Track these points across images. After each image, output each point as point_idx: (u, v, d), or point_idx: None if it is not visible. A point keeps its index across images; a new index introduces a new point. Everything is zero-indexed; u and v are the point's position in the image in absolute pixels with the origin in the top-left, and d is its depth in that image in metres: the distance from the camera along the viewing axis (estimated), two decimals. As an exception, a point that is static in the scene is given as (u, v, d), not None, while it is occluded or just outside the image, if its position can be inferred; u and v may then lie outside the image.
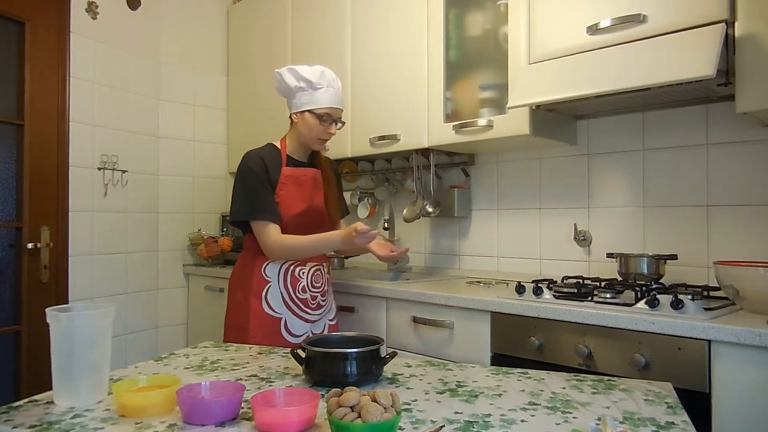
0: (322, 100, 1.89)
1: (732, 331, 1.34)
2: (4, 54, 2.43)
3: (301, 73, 1.89)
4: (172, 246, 3.19)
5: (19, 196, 2.45)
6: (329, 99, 1.90)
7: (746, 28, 1.56)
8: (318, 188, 2.00)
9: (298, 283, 1.94)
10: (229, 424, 0.93)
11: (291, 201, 1.92)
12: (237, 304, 1.96)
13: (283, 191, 1.91)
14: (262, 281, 1.93)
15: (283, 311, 1.92)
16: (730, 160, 1.90)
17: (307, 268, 1.97)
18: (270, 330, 1.90)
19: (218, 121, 3.42)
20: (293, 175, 1.94)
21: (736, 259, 1.82)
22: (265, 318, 1.90)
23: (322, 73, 1.90)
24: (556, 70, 1.87)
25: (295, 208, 1.92)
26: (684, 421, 0.95)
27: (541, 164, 2.39)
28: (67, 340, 1.02)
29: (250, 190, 1.88)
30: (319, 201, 1.99)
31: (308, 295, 1.96)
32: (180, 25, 3.22)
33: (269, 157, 1.93)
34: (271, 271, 1.94)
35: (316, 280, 1.99)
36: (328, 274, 2.07)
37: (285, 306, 1.93)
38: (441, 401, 1.05)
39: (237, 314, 1.95)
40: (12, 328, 2.42)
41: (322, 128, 1.91)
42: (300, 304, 1.95)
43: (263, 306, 1.91)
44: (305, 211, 1.94)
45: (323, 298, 2.02)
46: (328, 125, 1.92)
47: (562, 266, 2.29)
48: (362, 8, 2.61)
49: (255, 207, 1.87)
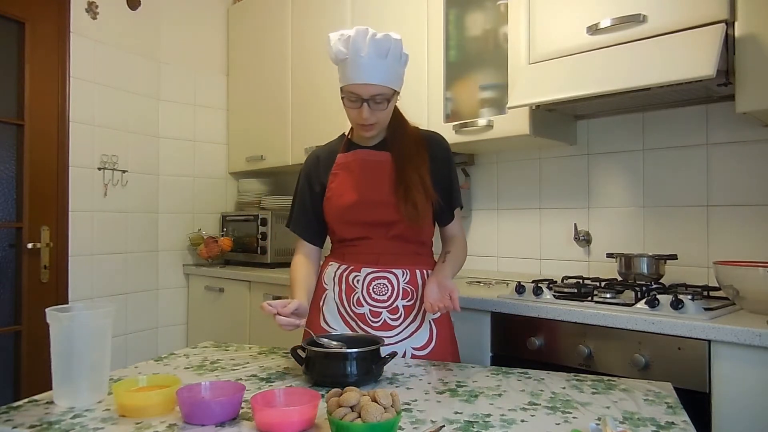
0: (345, 75, 1.43)
1: (732, 331, 1.34)
2: (4, 54, 2.43)
3: (330, 42, 1.44)
4: (172, 246, 3.19)
5: (19, 196, 2.45)
6: (352, 73, 1.41)
7: (746, 28, 1.56)
8: (386, 173, 1.51)
9: (353, 294, 1.51)
10: (229, 424, 0.93)
11: (342, 192, 1.52)
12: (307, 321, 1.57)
13: (335, 183, 1.54)
14: (320, 289, 1.57)
15: (339, 327, 1.50)
16: (730, 160, 1.90)
17: (362, 275, 1.51)
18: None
19: (218, 121, 3.42)
20: (344, 162, 1.55)
21: (736, 259, 1.82)
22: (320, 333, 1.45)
23: (348, 38, 1.41)
24: (556, 70, 1.87)
25: (344, 200, 1.51)
26: (684, 421, 0.95)
27: (541, 164, 2.39)
28: (67, 340, 1.02)
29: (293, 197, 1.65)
30: (383, 191, 1.49)
31: (366, 310, 1.49)
32: (180, 25, 3.22)
33: (330, 149, 1.61)
34: (328, 276, 1.56)
35: (378, 292, 1.50)
36: (410, 285, 1.51)
37: (342, 321, 1.51)
38: (441, 401, 1.05)
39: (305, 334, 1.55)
40: (12, 328, 2.42)
41: (353, 111, 1.47)
42: (357, 321, 1.50)
43: (320, 319, 1.53)
44: (356, 204, 1.49)
45: (394, 318, 1.49)
46: (358, 107, 1.44)
47: (562, 266, 2.29)
48: (362, 8, 2.61)
49: (290, 215, 1.65)
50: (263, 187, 3.35)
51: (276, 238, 3.02)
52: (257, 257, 3.04)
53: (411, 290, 1.51)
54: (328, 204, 1.55)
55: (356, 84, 1.41)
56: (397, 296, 1.50)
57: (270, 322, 2.89)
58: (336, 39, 1.43)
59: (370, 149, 1.56)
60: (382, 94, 1.43)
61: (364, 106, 1.43)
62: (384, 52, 1.41)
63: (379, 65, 1.41)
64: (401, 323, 1.49)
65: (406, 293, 1.50)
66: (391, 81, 1.44)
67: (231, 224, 3.24)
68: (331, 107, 2.75)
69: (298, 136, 2.95)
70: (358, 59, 1.40)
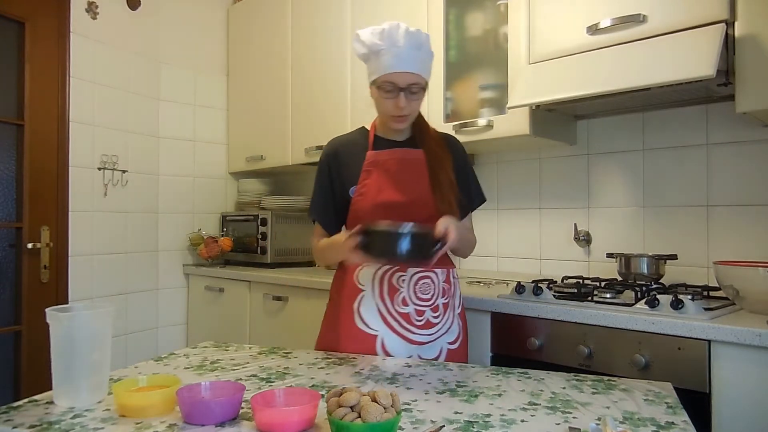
0: (382, 65, 1.46)
1: (732, 331, 1.34)
2: (4, 54, 2.43)
3: (362, 37, 1.49)
4: (172, 246, 3.19)
5: (19, 196, 2.45)
6: (389, 62, 1.45)
7: (746, 28, 1.56)
8: (422, 172, 1.55)
9: (397, 294, 1.52)
10: (229, 424, 0.93)
11: (379, 189, 1.52)
12: (328, 319, 1.62)
13: (369, 179, 1.53)
14: (355, 290, 1.54)
15: (380, 327, 1.50)
16: (730, 160, 1.90)
17: (408, 276, 1.53)
18: (364, 349, 1.49)
19: (218, 121, 3.42)
20: (378, 160, 1.55)
21: (736, 259, 1.82)
22: (358, 334, 1.51)
23: (383, 31, 1.47)
24: (556, 70, 1.87)
25: (382, 198, 1.52)
26: (684, 421, 0.95)
27: (541, 164, 2.39)
28: (67, 340, 1.02)
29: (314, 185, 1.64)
30: (423, 188, 1.54)
31: (411, 309, 1.52)
32: (180, 25, 3.22)
33: (351, 143, 1.60)
34: (365, 277, 1.55)
35: (423, 291, 1.54)
36: (446, 283, 1.58)
37: (382, 321, 1.51)
38: (441, 401, 1.05)
39: (328, 331, 1.59)
40: (12, 328, 2.42)
41: (388, 102, 1.49)
42: (400, 320, 1.51)
43: (355, 320, 1.52)
44: (399, 202, 1.51)
45: (435, 315, 1.54)
46: (395, 96, 1.47)
47: (562, 266, 2.29)
48: (362, 8, 2.61)
49: (311, 205, 1.65)
50: (263, 187, 3.35)
51: (276, 238, 3.02)
52: (257, 257, 3.04)
53: (447, 288, 1.58)
54: (362, 201, 1.53)
55: (395, 72, 1.45)
56: (438, 294, 1.55)
57: (270, 322, 2.90)
58: (369, 33, 1.48)
59: (405, 147, 1.58)
60: (418, 83, 1.48)
61: (401, 96, 1.46)
62: (418, 44, 1.47)
63: (416, 55, 1.47)
64: (440, 320, 1.55)
65: (444, 291, 1.56)
66: (425, 72, 1.50)
67: (231, 224, 3.24)
68: (331, 107, 2.76)
69: (298, 136, 2.95)
70: (395, 49, 1.45)
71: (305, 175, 3.44)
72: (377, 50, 1.46)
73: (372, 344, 1.49)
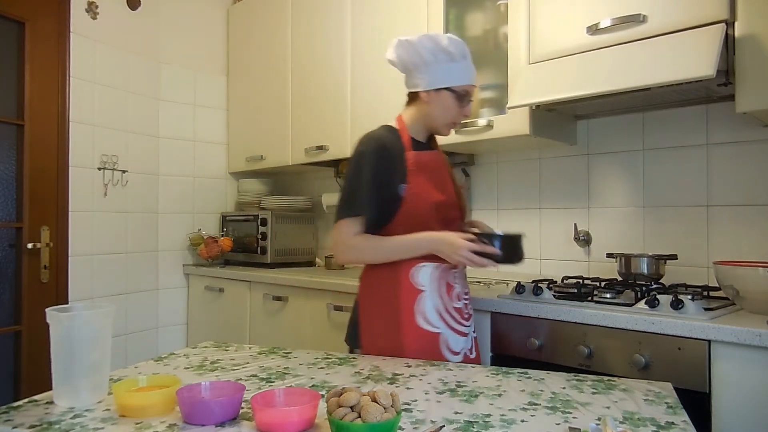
0: (465, 74, 1.57)
1: (732, 331, 1.34)
2: (4, 54, 2.43)
3: (441, 42, 1.54)
4: (172, 246, 3.19)
5: (19, 196, 2.45)
6: (470, 73, 1.58)
7: (746, 28, 1.56)
8: (449, 175, 1.67)
9: (452, 291, 1.58)
10: (229, 424, 0.93)
11: (427, 190, 1.56)
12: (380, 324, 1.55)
13: (418, 179, 1.55)
14: (413, 290, 1.54)
15: (441, 325, 1.54)
16: (730, 160, 1.90)
17: (459, 272, 1.62)
18: (428, 348, 1.52)
19: (218, 121, 3.42)
20: (421, 161, 1.58)
21: (736, 259, 1.82)
22: (422, 335, 1.52)
23: (459, 43, 1.56)
24: (556, 70, 1.87)
25: (433, 198, 1.56)
26: (684, 421, 0.95)
27: (541, 164, 2.39)
28: (67, 340, 1.02)
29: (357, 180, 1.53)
30: (452, 190, 1.64)
31: (462, 304, 1.60)
32: (180, 25, 3.22)
33: (391, 140, 1.57)
34: (424, 277, 1.55)
35: (465, 286, 1.65)
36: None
37: (441, 319, 1.55)
38: (441, 401, 1.05)
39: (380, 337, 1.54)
40: (12, 328, 2.42)
41: (459, 110, 1.59)
42: (456, 315, 1.58)
43: (417, 320, 1.52)
44: (443, 202, 1.58)
45: (470, 307, 1.66)
46: (465, 105, 1.60)
47: (562, 266, 2.29)
48: (362, 8, 2.61)
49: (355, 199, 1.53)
50: (263, 187, 3.35)
51: (276, 238, 3.02)
52: (257, 257, 3.04)
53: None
54: (418, 200, 1.54)
55: (472, 84, 1.61)
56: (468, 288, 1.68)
57: (270, 322, 2.90)
58: (447, 41, 1.55)
59: (428, 149, 1.66)
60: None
61: (469, 106, 1.62)
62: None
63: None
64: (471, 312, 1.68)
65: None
66: None
67: (231, 224, 3.24)
68: (331, 107, 2.76)
69: (298, 136, 2.95)
70: (468, 61, 1.59)
71: (305, 175, 3.44)
72: (459, 59, 1.56)
73: (436, 342, 1.52)
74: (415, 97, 1.63)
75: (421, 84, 1.58)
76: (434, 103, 1.58)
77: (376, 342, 1.55)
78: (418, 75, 1.58)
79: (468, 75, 1.58)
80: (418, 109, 1.62)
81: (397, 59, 1.61)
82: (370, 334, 1.56)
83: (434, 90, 1.57)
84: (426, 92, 1.57)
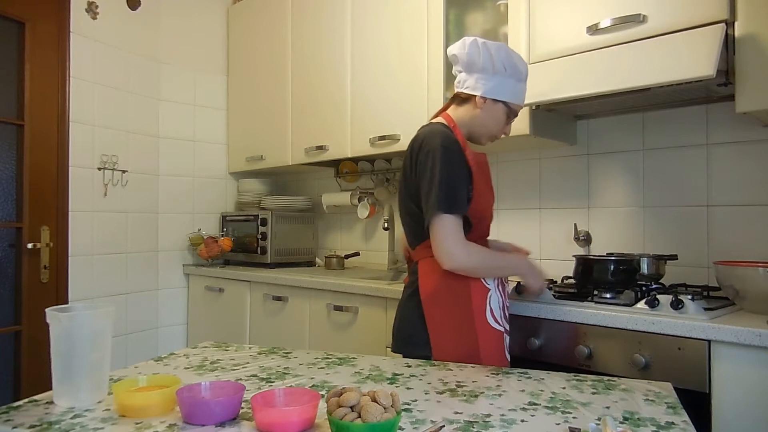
0: (521, 96, 1.61)
1: (732, 331, 1.34)
2: (4, 54, 2.43)
3: (514, 58, 1.56)
4: (172, 246, 3.19)
5: (19, 196, 2.45)
6: (524, 97, 1.64)
7: (746, 28, 1.56)
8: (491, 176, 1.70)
9: (506, 290, 1.63)
10: (229, 424, 0.93)
11: (486, 191, 1.59)
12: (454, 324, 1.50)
13: (480, 180, 1.55)
14: (483, 289, 1.52)
15: (503, 324, 1.56)
16: (730, 160, 1.90)
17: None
18: (497, 347, 1.52)
19: (218, 121, 3.42)
20: (479, 161, 1.59)
21: (736, 259, 1.82)
22: (492, 335, 1.51)
23: (526, 65, 1.60)
24: (556, 70, 1.87)
25: (491, 199, 1.62)
26: (684, 421, 0.95)
27: (541, 164, 2.39)
28: (67, 340, 1.02)
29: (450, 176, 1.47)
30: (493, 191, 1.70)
31: (509, 303, 1.65)
32: (180, 25, 3.22)
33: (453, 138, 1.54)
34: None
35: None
36: None
37: (504, 317, 1.57)
38: (441, 401, 1.05)
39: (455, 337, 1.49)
40: (12, 328, 2.42)
41: (503, 125, 1.62)
42: (507, 314, 1.61)
43: (488, 319, 1.52)
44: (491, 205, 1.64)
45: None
46: (509, 124, 1.64)
47: (562, 266, 2.29)
48: (362, 8, 2.61)
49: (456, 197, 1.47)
50: (263, 187, 3.35)
51: (276, 238, 3.02)
52: (257, 257, 3.04)
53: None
54: (481, 199, 1.55)
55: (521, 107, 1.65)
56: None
57: (270, 322, 2.90)
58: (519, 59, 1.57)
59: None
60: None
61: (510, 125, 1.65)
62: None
63: None
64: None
65: None
66: None
67: (231, 224, 3.24)
68: (331, 107, 2.76)
69: (298, 136, 2.95)
70: (526, 84, 1.62)
71: (305, 175, 3.44)
72: (523, 79, 1.59)
73: (501, 340, 1.53)
74: (464, 99, 1.59)
75: (480, 89, 1.55)
76: (487, 111, 1.57)
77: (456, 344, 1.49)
78: (481, 79, 1.55)
79: (523, 97, 1.62)
80: (468, 112, 1.59)
81: (466, 57, 1.55)
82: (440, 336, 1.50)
83: (491, 99, 1.55)
84: (483, 98, 1.55)
